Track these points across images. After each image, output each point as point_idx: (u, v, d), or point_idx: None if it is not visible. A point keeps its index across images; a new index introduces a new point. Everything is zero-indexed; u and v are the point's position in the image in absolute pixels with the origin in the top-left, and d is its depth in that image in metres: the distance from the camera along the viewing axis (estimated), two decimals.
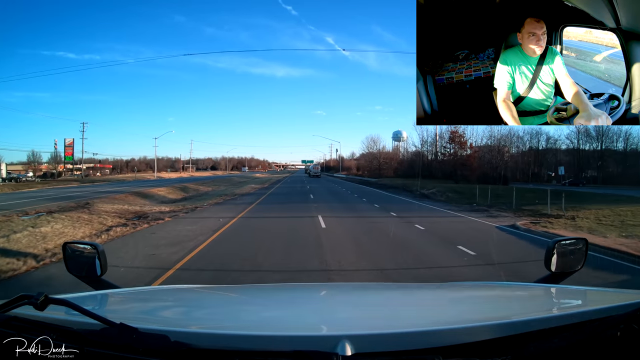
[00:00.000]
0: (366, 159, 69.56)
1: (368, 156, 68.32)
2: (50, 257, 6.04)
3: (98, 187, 30.89)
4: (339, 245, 7.32)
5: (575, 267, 1.57)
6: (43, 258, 6.02)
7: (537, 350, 0.88)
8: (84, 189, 28.62)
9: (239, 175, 78.04)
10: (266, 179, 49.40)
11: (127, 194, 20.21)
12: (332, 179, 58.92)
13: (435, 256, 6.56)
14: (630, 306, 0.96)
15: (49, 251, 6.44)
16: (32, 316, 0.94)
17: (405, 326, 1.01)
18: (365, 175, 58.56)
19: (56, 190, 27.78)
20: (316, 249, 6.93)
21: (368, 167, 64.70)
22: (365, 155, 70.96)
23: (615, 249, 6.88)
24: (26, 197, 20.36)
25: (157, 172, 66.11)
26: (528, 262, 5.74)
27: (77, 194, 21.52)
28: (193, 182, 37.63)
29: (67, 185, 34.93)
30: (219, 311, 1.42)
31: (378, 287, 2.09)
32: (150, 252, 6.65)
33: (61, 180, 48.03)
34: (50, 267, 5.61)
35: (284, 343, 0.87)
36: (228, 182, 39.33)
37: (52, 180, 48.22)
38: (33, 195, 22.51)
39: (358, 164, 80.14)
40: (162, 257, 6.26)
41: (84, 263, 1.59)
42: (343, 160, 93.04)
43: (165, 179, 50.79)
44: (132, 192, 21.65)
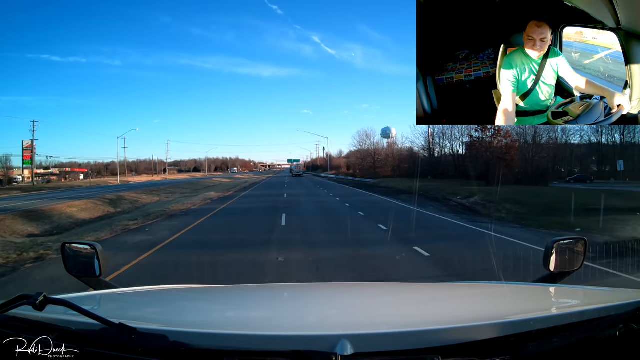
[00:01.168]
0: (358, 157, 61.00)
1: (360, 153, 59.30)
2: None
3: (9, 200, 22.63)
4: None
5: (574, 267, 1.57)
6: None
7: (536, 350, 0.88)
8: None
9: (221, 176, 70.19)
10: (238, 183, 39.70)
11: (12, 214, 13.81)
12: (319, 180, 50.24)
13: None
14: (629, 305, 0.96)
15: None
16: (31, 316, 0.94)
17: (404, 326, 1.01)
18: (357, 175, 51.75)
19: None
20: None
21: (360, 166, 56.84)
22: (357, 153, 61.70)
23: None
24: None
25: (121, 177, 59.75)
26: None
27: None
28: (150, 187, 30.97)
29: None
30: (219, 311, 1.42)
31: (378, 287, 2.09)
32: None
33: (6, 189, 40.52)
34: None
35: (284, 343, 0.87)
36: (190, 187, 32.14)
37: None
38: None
39: (348, 162, 71.67)
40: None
41: (82, 263, 1.59)
42: (331, 159, 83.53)
43: (122, 185, 43.95)
44: (27, 210, 14.87)
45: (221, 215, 13.93)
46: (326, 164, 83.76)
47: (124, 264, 6.40)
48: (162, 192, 26.61)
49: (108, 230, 10.69)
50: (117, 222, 12.32)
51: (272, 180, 50.08)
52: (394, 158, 51.31)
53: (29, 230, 12.33)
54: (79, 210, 16.62)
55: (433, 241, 7.95)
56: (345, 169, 68.14)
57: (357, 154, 61.67)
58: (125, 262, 6.53)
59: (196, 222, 11.97)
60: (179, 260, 6.69)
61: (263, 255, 6.92)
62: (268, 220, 11.90)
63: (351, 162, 67.17)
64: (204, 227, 11.11)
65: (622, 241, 7.10)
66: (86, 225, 13.30)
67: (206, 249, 7.87)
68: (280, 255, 6.91)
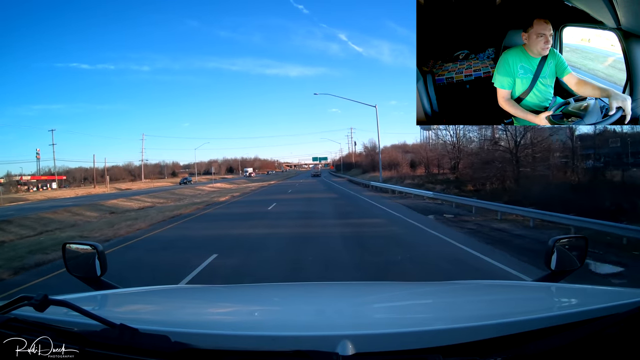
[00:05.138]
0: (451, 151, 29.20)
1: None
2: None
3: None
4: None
5: (575, 265, 1.57)
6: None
7: (537, 349, 0.88)
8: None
9: (216, 180, 54.45)
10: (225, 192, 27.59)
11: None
12: (372, 201, 17.28)
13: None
14: (630, 305, 0.96)
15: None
16: (32, 317, 0.94)
17: (405, 325, 1.01)
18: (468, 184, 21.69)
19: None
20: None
21: (468, 163, 24.98)
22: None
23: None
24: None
25: (112, 184, 53.01)
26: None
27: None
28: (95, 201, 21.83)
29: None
30: (220, 311, 1.42)
31: (378, 286, 2.09)
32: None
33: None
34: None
35: (285, 343, 0.87)
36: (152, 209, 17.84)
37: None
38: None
39: (422, 157, 36.09)
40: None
41: (83, 263, 1.59)
42: (373, 153, 49.99)
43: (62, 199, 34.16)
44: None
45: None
46: (366, 161, 53.38)
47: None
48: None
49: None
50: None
51: (285, 185, 36.21)
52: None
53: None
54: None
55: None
56: (407, 167, 37.29)
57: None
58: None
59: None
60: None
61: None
62: None
63: (431, 157, 33.96)
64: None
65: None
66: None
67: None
68: None
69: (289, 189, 30.07)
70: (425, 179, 28.13)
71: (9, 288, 5.77)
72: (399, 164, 39.60)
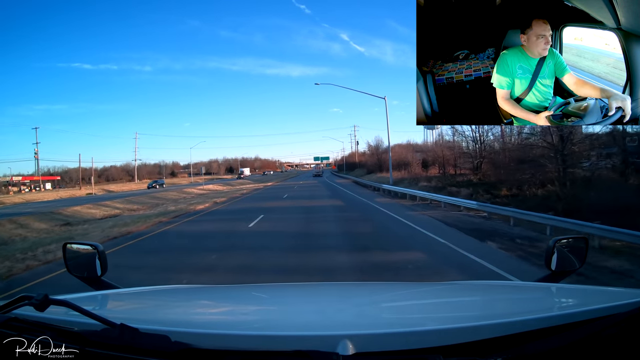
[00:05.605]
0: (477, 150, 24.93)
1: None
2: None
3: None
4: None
5: (575, 266, 1.57)
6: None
7: (537, 349, 0.88)
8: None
9: (201, 182, 44.13)
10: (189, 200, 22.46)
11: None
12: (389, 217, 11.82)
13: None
14: (630, 305, 0.96)
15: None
16: (32, 317, 0.94)
17: (405, 325, 1.01)
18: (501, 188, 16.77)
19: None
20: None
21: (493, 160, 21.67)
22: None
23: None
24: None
25: (98, 185, 50.62)
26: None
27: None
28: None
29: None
30: (220, 311, 1.42)
31: (379, 287, 2.09)
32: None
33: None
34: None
35: (285, 343, 0.87)
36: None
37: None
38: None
39: (437, 156, 31.25)
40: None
41: (84, 263, 1.59)
42: (379, 152, 46.98)
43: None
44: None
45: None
46: (371, 160, 48.21)
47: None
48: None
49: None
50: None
51: (277, 189, 31.13)
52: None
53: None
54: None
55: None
56: (419, 167, 33.92)
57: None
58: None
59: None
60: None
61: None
62: None
63: (447, 156, 29.21)
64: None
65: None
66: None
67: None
68: None
69: (284, 193, 25.24)
70: (444, 180, 24.36)
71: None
72: (409, 164, 35.55)
